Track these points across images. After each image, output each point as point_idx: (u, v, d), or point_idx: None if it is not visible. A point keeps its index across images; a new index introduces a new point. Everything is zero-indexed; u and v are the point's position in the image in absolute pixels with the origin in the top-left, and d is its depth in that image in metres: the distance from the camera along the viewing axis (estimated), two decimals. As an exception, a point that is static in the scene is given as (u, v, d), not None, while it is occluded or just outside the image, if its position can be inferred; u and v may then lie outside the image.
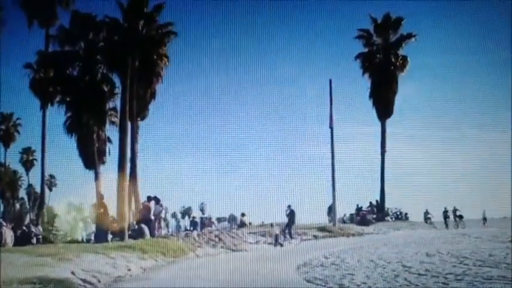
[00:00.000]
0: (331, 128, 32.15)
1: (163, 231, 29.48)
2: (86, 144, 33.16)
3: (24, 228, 29.64)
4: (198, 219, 31.90)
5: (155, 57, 32.58)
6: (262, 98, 30.17)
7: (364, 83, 35.09)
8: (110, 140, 34.06)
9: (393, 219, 35.87)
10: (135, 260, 21.63)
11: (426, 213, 34.58)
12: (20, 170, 40.50)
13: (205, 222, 31.58)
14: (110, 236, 27.47)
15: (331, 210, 33.27)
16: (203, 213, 31.97)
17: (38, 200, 36.89)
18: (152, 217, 28.87)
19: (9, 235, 27.02)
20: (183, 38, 31.82)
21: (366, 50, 35.60)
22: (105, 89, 33.34)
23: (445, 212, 34.08)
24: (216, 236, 28.82)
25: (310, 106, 30.58)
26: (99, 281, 18.45)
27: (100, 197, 29.48)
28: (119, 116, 32.60)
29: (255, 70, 30.57)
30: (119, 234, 27.58)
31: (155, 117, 32.82)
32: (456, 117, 28.67)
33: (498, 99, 26.97)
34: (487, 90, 27.69)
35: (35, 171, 38.79)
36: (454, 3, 29.03)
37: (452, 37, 30.20)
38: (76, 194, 30.82)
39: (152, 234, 28.19)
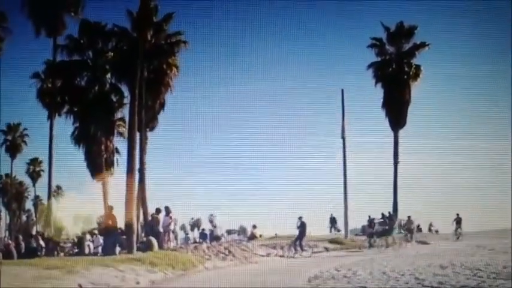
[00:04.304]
0: (343, 138, 31.92)
1: (172, 244, 29.14)
2: (93, 155, 32.94)
3: (31, 240, 29.39)
4: (207, 231, 31.62)
5: (164, 66, 32.42)
6: (273, 108, 30.03)
7: (377, 93, 34.70)
8: (118, 151, 33.93)
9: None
10: (144, 273, 21.51)
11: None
12: (27, 181, 40.24)
13: (215, 234, 31.29)
14: (118, 249, 27.18)
15: (333, 221, 33.03)
16: (212, 225, 31.69)
17: (44, 212, 36.54)
18: (161, 229, 28.70)
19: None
20: (192, 47, 31.79)
21: (379, 59, 35.16)
22: (114, 99, 33.25)
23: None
24: (225, 248, 28.61)
25: (321, 116, 30.40)
26: (107, 294, 18.32)
27: (109, 208, 29.29)
28: (127, 126, 32.26)
29: (266, 80, 30.49)
30: (127, 247, 27.23)
31: (164, 128, 32.59)
32: (471, 127, 28.44)
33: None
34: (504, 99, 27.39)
35: (42, 183, 38.47)
36: (468, 15, 28.96)
37: (465, 47, 30.11)
38: (83, 205, 30.59)
39: (161, 247, 27.94)
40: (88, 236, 29.09)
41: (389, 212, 35.01)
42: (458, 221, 33.12)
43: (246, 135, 29.84)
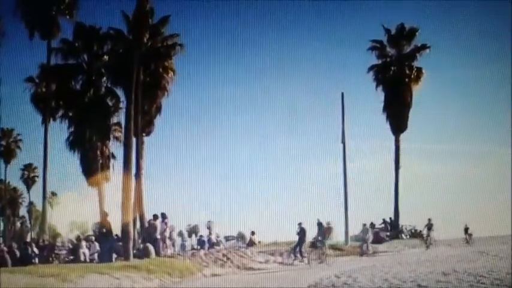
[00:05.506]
0: (343, 143, 31.70)
1: (170, 251, 28.92)
2: (89, 160, 32.68)
3: (26, 247, 29.07)
4: (205, 238, 31.35)
5: (161, 70, 32.12)
6: (272, 112, 29.87)
7: (378, 97, 34.44)
8: (114, 156, 33.64)
9: (408, 236, 35.09)
10: (141, 281, 21.81)
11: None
12: (21, 187, 39.90)
13: (212, 241, 31.04)
14: (114, 256, 27.08)
15: (320, 226, 32.79)
16: (210, 232, 31.43)
17: (39, 218, 36.27)
18: (158, 236, 28.45)
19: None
20: (189, 50, 31.59)
21: (379, 62, 34.81)
22: (109, 103, 32.93)
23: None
24: (224, 255, 28.52)
25: (321, 120, 30.20)
26: (103, 303, 18.20)
27: (104, 214, 29.09)
28: (123, 131, 31.96)
29: (265, 84, 30.35)
30: (124, 254, 27.10)
31: (161, 133, 32.31)
32: (473, 132, 28.30)
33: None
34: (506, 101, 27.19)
35: (36, 189, 38.14)
36: (469, 15, 28.83)
37: (467, 50, 29.98)
38: (79, 212, 30.46)
39: (158, 254, 27.78)
40: (84, 243, 28.82)
41: (390, 218, 34.95)
42: (429, 227, 32.53)
43: (244, 140, 29.75)
